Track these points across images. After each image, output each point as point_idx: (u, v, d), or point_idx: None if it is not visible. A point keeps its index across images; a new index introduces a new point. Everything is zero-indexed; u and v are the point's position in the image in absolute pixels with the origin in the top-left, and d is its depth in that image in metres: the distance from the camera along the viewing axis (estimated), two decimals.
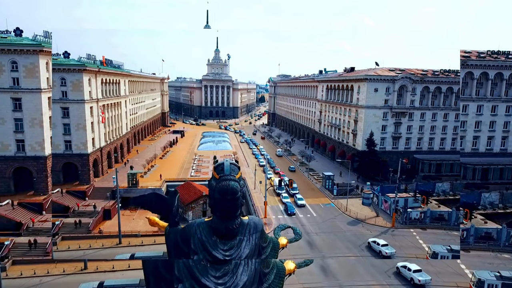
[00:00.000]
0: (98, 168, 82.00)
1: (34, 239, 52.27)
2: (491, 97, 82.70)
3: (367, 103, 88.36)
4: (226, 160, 9.78)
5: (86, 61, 79.61)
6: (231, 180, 9.17)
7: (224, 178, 9.20)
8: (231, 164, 9.55)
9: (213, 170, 9.95)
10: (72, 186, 73.22)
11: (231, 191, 9.09)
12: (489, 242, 53.91)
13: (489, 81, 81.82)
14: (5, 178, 66.26)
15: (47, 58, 67.19)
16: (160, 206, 11.32)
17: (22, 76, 64.52)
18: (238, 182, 9.36)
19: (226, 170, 9.28)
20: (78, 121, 74.81)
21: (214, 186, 9.41)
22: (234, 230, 9.70)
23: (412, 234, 57.03)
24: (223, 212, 9.29)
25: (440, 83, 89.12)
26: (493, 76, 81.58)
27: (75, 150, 75.17)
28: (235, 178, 9.27)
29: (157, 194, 11.69)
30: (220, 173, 9.38)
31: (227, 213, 9.26)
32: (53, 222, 56.62)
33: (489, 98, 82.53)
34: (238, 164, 10.04)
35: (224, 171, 9.31)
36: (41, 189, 66.92)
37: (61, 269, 46.00)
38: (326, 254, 50.12)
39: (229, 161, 9.73)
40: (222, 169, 9.40)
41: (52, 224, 56.25)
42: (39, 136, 66.17)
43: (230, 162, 9.65)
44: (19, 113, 65.30)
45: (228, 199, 9.09)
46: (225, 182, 9.12)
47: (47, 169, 67.34)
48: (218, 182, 9.29)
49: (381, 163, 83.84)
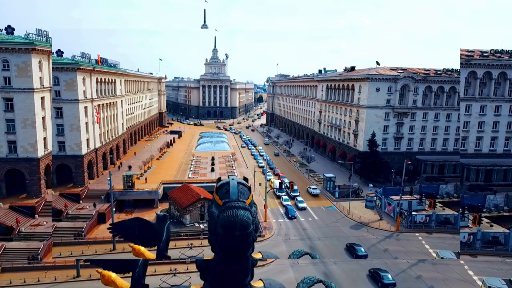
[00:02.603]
0: (92, 170, 79.85)
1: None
2: (494, 97, 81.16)
3: (368, 103, 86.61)
4: (232, 179, 6.64)
5: (80, 60, 77.37)
6: (239, 208, 6.23)
7: (230, 206, 6.21)
8: (239, 185, 6.67)
9: (214, 193, 6.84)
10: (66, 188, 71.09)
11: (240, 224, 6.17)
12: (497, 246, 52.24)
13: (492, 81, 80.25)
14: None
15: (40, 57, 65.07)
16: (145, 236, 8.88)
17: (14, 75, 62.35)
18: (249, 210, 6.46)
19: (232, 194, 6.33)
20: (72, 122, 72.65)
21: (215, 216, 6.39)
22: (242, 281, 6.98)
23: (418, 238, 55.24)
24: (228, 253, 6.68)
25: (442, 82, 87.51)
26: (497, 76, 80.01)
27: (69, 152, 73.02)
28: (245, 205, 6.34)
29: (141, 220, 9.10)
30: (225, 197, 6.43)
31: (234, 255, 6.64)
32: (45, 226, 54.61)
33: (493, 98, 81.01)
34: (248, 184, 7.11)
35: (230, 195, 6.41)
36: (33, 191, 64.69)
37: (52, 277, 43.98)
38: (329, 260, 48.27)
39: (236, 180, 6.71)
40: (227, 192, 6.61)
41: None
42: (31, 137, 63.99)
43: (238, 181, 6.68)
44: (11, 114, 63.09)
45: (236, 237, 6.34)
46: (231, 212, 6.16)
47: (40, 171, 65.21)
48: (221, 211, 6.27)
49: (383, 164, 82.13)
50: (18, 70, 62.14)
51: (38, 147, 64.52)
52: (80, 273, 44.66)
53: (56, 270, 45.62)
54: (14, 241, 53.21)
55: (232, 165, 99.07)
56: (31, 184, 64.60)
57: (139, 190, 72.26)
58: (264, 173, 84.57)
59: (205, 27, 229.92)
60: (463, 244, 52.54)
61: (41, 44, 64.77)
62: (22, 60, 62.09)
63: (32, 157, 64.05)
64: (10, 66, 61.76)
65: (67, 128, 72.57)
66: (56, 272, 45.02)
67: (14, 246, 51.82)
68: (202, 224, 62.64)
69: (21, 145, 63.68)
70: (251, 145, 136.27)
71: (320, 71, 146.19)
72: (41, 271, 45.33)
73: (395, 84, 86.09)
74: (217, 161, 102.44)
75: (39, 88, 64.86)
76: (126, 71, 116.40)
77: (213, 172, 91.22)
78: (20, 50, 61.67)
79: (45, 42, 66.49)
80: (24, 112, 63.04)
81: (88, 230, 58.29)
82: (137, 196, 71.01)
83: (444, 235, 55.77)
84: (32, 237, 54.42)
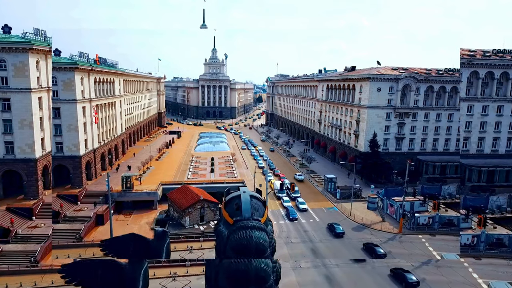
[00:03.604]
0: (91, 170, 78.94)
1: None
2: (496, 97, 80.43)
3: (369, 103, 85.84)
4: (244, 192, 5.39)
5: (78, 59, 76.42)
6: (254, 228, 4.89)
7: (243, 225, 4.81)
8: (252, 199, 5.32)
9: (222, 208, 5.47)
10: (63, 189, 70.17)
11: (256, 248, 4.78)
12: (501, 249, 51.48)
13: (494, 81, 79.52)
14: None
15: (37, 57, 64.17)
16: (142, 254, 7.65)
17: (11, 75, 61.48)
18: (265, 230, 5.20)
19: (245, 211, 5.05)
20: (70, 122, 71.77)
21: (225, 237, 5.05)
22: None
23: (421, 240, 54.39)
24: None
25: (444, 82, 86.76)
26: (499, 76, 79.29)
27: (67, 152, 72.15)
28: (261, 225, 5.04)
29: (138, 237, 7.85)
30: (236, 214, 5.10)
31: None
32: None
33: (495, 98, 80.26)
34: (261, 197, 5.75)
35: (243, 213, 5.10)
36: (31, 193, 63.85)
37: (49, 281, 43.03)
38: (331, 263, 47.46)
39: (248, 192, 5.41)
40: (238, 209, 5.15)
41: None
42: (29, 138, 63.12)
43: (251, 194, 5.39)
44: (8, 114, 62.23)
45: (251, 272, 4.79)
46: (244, 233, 4.77)
47: (37, 172, 64.33)
48: (232, 232, 4.94)
49: (385, 165, 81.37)
50: (15, 70, 61.27)
51: (36, 147, 63.67)
52: None
53: (54, 274, 44.63)
54: (11, 243, 52.29)
55: (232, 166, 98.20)
56: (28, 185, 63.76)
57: (138, 191, 71.44)
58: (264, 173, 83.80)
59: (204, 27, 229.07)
60: (467, 246, 51.81)
61: (39, 43, 63.88)
62: (19, 60, 61.23)
63: (30, 158, 63.21)
64: (7, 66, 60.94)
65: (65, 128, 71.68)
66: (53, 276, 44.00)
67: (11, 248, 50.90)
68: (202, 226, 61.82)
69: (18, 146, 62.81)
70: (251, 145, 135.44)
71: (320, 71, 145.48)
72: (38, 275, 44.40)
73: (397, 84, 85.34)
74: (216, 161, 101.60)
75: (37, 88, 63.97)
76: (125, 71, 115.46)
77: (212, 173, 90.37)
78: (17, 50, 60.80)
79: (42, 42, 65.59)
80: (21, 113, 62.19)
81: (86, 232, 57.45)
82: (135, 197, 70.13)
83: (447, 237, 54.87)
84: (29, 240, 53.53)
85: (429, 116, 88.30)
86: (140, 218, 66.09)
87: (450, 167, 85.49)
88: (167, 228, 60.68)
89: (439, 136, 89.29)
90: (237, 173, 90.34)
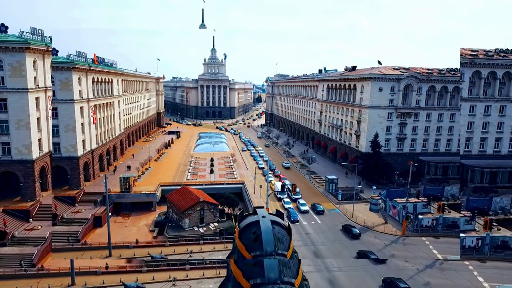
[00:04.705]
0: (89, 171, 77.90)
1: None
2: (499, 97, 79.64)
3: (371, 103, 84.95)
4: (264, 217, 3.94)
5: (75, 59, 75.33)
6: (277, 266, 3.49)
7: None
8: (275, 226, 3.78)
9: (236, 238, 4.02)
10: (61, 191, 69.13)
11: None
12: (506, 251, 50.61)
13: (497, 81, 78.74)
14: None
15: (34, 56, 63.19)
16: None
17: (8, 75, 60.53)
18: (293, 284, 3.63)
19: (266, 243, 3.63)
20: (68, 122, 70.77)
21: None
22: None
23: (425, 243, 53.45)
24: None
25: (446, 82, 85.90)
26: (501, 76, 78.48)
27: (64, 153, 71.11)
28: (286, 260, 3.63)
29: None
30: (254, 247, 3.64)
31: None
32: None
33: (497, 98, 79.47)
34: (285, 222, 4.26)
35: (263, 245, 3.64)
36: (28, 194, 62.86)
37: (45, 285, 42.10)
38: (333, 266, 46.57)
39: (269, 217, 3.96)
40: (257, 239, 3.67)
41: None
42: (26, 139, 62.12)
43: (272, 220, 3.91)
44: (4, 115, 61.28)
45: None
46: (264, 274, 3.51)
47: (34, 174, 63.31)
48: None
49: (386, 165, 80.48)
50: (12, 69, 60.33)
51: (33, 148, 62.68)
52: (75, 281, 42.82)
53: (50, 277, 43.74)
54: (7, 246, 51.35)
55: (232, 167, 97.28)
56: (25, 186, 62.79)
57: (137, 192, 70.53)
58: (264, 174, 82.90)
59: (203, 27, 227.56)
60: (471, 248, 50.96)
61: (36, 43, 62.88)
62: (15, 60, 60.29)
63: (27, 159, 62.21)
64: (3, 66, 60.08)
65: (62, 129, 70.65)
66: (49, 280, 43.15)
67: (7, 251, 50.03)
68: (202, 228, 60.91)
69: (15, 147, 61.82)
70: (251, 145, 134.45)
71: (320, 70, 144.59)
72: (34, 279, 43.52)
73: (398, 84, 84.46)
74: (216, 162, 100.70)
75: (34, 88, 62.99)
76: (124, 70, 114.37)
77: (212, 173, 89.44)
78: (13, 49, 59.86)
79: (39, 41, 64.60)
80: (18, 113, 61.25)
81: (83, 234, 56.51)
82: (134, 199, 69.26)
83: (452, 240, 53.86)
84: (26, 242, 52.59)
85: (431, 116, 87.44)
86: (138, 220, 65.20)
87: (452, 168, 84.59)
88: (166, 230, 59.79)
89: (441, 137, 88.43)
90: (237, 174, 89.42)
